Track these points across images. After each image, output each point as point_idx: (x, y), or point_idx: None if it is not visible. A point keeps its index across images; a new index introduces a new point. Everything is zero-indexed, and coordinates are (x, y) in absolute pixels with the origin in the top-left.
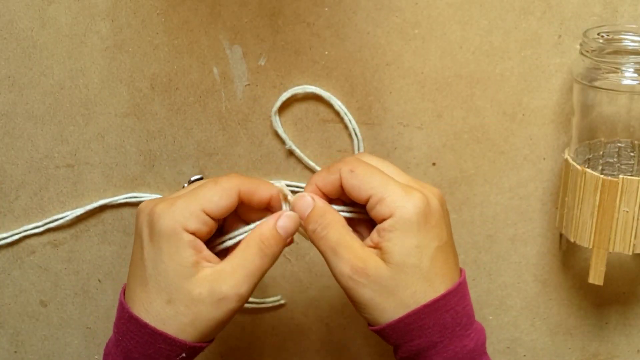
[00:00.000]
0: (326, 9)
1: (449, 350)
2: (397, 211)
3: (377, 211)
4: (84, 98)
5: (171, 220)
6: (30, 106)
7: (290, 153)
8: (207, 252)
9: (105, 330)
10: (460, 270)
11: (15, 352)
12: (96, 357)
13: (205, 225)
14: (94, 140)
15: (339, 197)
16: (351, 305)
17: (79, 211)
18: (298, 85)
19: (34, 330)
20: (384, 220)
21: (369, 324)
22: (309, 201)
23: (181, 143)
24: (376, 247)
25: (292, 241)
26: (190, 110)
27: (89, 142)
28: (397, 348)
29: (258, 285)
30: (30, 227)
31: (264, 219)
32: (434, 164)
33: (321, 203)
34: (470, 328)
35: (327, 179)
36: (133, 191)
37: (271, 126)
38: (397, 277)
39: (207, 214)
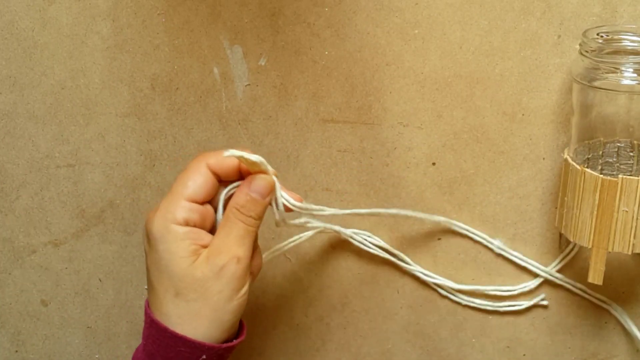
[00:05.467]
0: (326, 9)
1: None
2: None
3: None
4: (84, 98)
5: (161, 220)
6: (31, 106)
7: (290, 154)
8: (207, 239)
9: (105, 329)
10: None
11: (17, 351)
12: (97, 356)
13: (194, 212)
14: (94, 140)
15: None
16: (351, 305)
17: None
18: (298, 84)
19: (35, 329)
20: None
21: None
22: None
23: (182, 143)
24: None
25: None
26: (190, 110)
27: (89, 142)
28: None
29: (256, 283)
30: None
31: (236, 188)
32: (434, 163)
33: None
34: None
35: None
36: (134, 191)
37: (271, 126)
38: None
39: (192, 201)
